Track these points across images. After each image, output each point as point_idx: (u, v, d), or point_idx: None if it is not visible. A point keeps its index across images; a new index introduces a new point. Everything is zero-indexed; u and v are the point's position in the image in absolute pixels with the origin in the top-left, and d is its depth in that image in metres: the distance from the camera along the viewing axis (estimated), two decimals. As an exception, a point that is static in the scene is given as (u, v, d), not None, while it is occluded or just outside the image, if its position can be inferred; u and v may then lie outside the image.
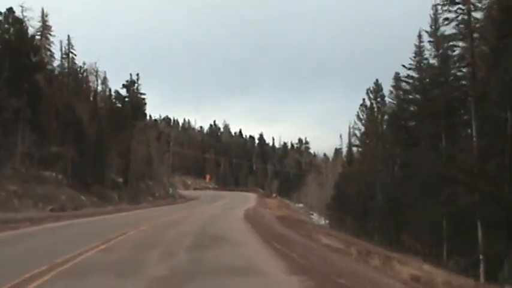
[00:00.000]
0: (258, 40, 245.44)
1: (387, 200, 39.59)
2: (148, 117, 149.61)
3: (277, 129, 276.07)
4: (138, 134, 64.49)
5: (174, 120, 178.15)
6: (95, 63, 65.22)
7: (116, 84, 70.67)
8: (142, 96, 74.65)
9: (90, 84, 65.61)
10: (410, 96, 42.08)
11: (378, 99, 48.75)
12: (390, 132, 44.68)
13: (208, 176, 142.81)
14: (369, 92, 49.37)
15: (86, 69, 63.41)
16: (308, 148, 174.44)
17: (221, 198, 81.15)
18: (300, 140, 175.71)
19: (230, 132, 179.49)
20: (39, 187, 45.52)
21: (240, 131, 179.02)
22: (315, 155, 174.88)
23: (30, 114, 46.85)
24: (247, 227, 28.82)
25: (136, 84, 72.84)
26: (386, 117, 47.06)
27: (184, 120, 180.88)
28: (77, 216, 32.14)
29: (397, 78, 45.92)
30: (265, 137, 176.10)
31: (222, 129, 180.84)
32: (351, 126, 61.16)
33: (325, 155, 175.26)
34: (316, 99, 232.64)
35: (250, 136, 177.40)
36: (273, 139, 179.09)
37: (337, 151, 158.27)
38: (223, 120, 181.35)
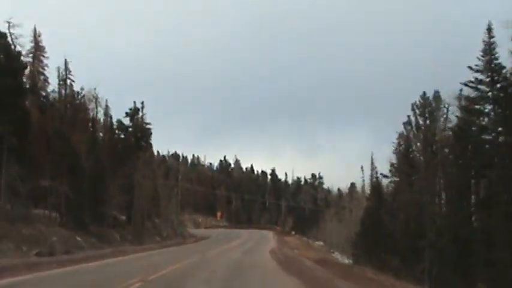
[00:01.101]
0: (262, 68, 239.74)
1: (449, 237, 32.36)
2: (156, 153, 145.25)
3: (289, 164, 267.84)
4: (142, 167, 58.06)
5: (182, 157, 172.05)
6: (95, 88, 58.86)
7: (120, 114, 63.59)
8: (148, 126, 68.39)
9: (90, 112, 59.44)
10: (477, 106, 34.87)
11: (427, 115, 41.59)
12: (454, 152, 37.00)
13: (219, 214, 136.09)
14: (414, 107, 42.42)
15: (84, 96, 57.28)
16: (322, 183, 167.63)
17: (236, 237, 74.25)
18: (313, 175, 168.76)
19: (241, 168, 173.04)
20: (26, 227, 39.09)
21: (252, 167, 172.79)
22: (329, 191, 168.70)
23: (16, 143, 40.56)
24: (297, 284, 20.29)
25: (140, 113, 66.89)
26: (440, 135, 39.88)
27: (193, 156, 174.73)
28: (62, 263, 25.53)
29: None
30: (277, 172, 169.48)
31: (232, 165, 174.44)
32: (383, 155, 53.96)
33: (339, 190, 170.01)
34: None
35: (262, 171, 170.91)
36: (286, 174, 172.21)
37: (353, 185, 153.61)
38: (234, 156, 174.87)
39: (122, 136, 63.92)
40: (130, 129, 64.83)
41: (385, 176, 54.99)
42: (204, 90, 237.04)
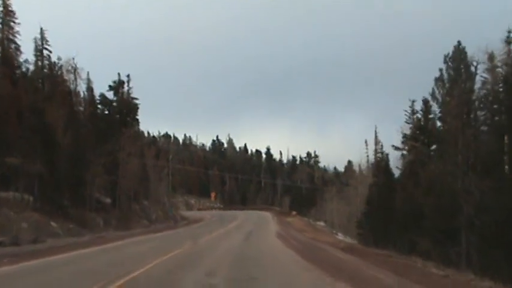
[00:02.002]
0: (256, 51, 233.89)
1: (492, 215, 27.01)
2: (146, 134, 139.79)
3: (284, 143, 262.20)
4: (128, 144, 52.58)
5: (173, 137, 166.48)
6: (73, 58, 53.18)
7: (104, 88, 57.81)
8: (135, 101, 62.83)
9: (69, 84, 53.71)
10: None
11: (462, 69, 35.64)
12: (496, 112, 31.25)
13: (213, 195, 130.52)
14: (447, 60, 36.39)
15: (62, 66, 51.66)
16: (318, 162, 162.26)
17: (232, 219, 68.87)
18: (308, 154, 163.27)
19: (234, 148, 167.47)
20: (-9, 212, 33.98)
21: (245, 146, 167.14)
22: (325, 169, 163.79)
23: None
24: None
25: (126, 87, 61.35)
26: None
27: (185, 136, 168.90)
28: (18, 257, 20.30)
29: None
30: (271, 151, 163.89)
31: (225, 145, 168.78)
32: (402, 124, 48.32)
33: (335, 168, 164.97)
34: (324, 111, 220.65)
35: (257, 150, 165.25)
36: (281, 153, 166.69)
37: (350, 163, 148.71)
38: (227, 135, 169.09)
39: (106, 112, 58.48)
40: (114, 104, 59.50)
41: (397, 148, 49.54)
42: (193, 69, 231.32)
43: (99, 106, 58.71)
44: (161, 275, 15.65)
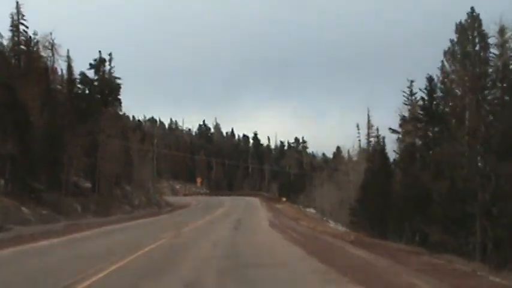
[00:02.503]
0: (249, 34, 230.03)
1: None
2: (131, 118, 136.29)
3: (272, 128, 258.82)
4: (108, 125, 49.39)
5: (159, 121, 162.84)
6: (50, 33, 49.78)
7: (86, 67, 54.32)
8: (117, 81, 59.53)
9: (47, 61, 50.37)
10: None
11: (476, 39, 32.12)
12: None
13: (199, 180, 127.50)
14: (459, 27, 32.79)
15: (38, 42, 48.27)
16: (306, 148, 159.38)
17: (218, 205, 65.86)
18: (296, 140, 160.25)
19: (221, 133, 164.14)
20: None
21: (232, 131, 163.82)
22: (314, 155, 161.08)
23: None
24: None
25: (108, 66, 58.06)
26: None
27: (170, 120, 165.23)
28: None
29: None
30: (259, 136, 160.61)
31: (212, 130, 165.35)
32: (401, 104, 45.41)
33: (324, 154, 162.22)
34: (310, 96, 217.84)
35: (244, 135, 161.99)
36: (268, 139, 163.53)
37: (339, 149, 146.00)
38: (214, 119, 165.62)
39: (87, 91, 55.19)
40: (95, 83, 56.24)
41: (395, 131, 46.69)
42: (181, 52, 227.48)
43: (79, 85, 55.48)
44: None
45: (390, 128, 46.73)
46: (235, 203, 71.42)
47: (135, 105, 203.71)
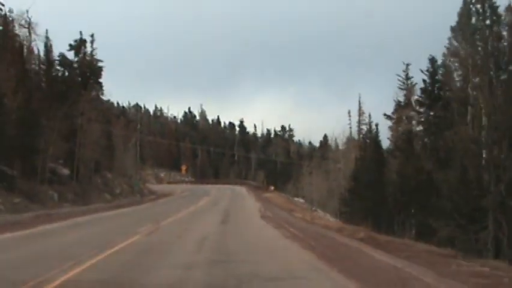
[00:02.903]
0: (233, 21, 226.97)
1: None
2: (116, 104, 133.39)
3: (258, 116, 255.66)
4: (88, 109, 46.79)
5: (144, 108, 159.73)
6: (27, 11, 47.00)
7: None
8: (100, 64, 56.72)
9: (23, 42, 47.59)
10: None
11: (487, 12, 29.12)
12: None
13: (184, 167, 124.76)
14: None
15: (13, 20, 45.54)
16: (292, 136, 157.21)
17: (204, 194, 63.53)
18: (283, 128, 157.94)
19: (207, 120, 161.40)
20: None
21: (218, 118, 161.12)
22: (300, 144, 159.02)
23: None
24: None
25: (90, 48, 55.27)
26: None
27: (155, 106, 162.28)
28: None
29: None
30: (245, 124, 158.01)
31: (198, 117, 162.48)
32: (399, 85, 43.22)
33: (310, 143, 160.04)
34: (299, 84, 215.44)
35: (230, 123, 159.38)
36: (255, 126, 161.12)
37: (326, 137, 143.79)
38: (200, 106, 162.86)
39: (67, 74, 52.43)
40: (75, 65, 53.48)
41: (389, 117, 44.46)
42: (166, 38, 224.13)
43: (58, 68, 52.75)
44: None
45: (385, 114, 44.52)
46: (222, 192, 69.11)
47: (119, 91, 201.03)
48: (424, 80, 37.73)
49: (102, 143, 56.46)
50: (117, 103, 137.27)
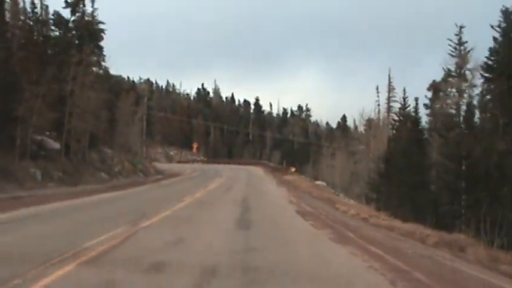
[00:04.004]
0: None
1: None
2: (126, 78, 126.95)
3: (275, 95, 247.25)
4: (83, 73, 40.16)
5: (156, 84, 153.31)
6: (11, -40, 40.39)
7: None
8: (101, 26, 50.00)
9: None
10: None
11: None
12: None
13: (195, 146, 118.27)
14: None
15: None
16: (309, 116, 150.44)
17: (215, 174, 56.81)
18: (299, 107, 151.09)
19: (221, 97, 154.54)
20: None
21: (232, 96, 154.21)
22: (318, 124, 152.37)
23: None
24: None
25: (91, 8, 48.54)
26: None
27: (167, 82, 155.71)
28: None
29: None
30: (261, 102, 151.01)
31: (211, 94, 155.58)
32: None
33: (327, 123, 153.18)
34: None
35: (245, 100, 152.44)
36: (271, 105, 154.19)
37: (344, 118, 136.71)
38: (214, 82, 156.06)
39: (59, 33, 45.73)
40: (71, 25, 46.78)
41: (436, 90, 37.52)
42: (181, 13, 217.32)
43: (52, 28, 46.15)
44: None
45: (432, 85, 37.42)
46: (236, 173, 62.12)
47: (131, 66, 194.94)
48: (494, 38, 30.65)
49: (103, 114, 50.21)
50: (128, 77, 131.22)
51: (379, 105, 66.77)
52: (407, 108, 49.00)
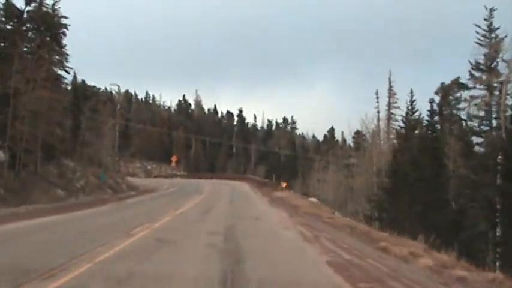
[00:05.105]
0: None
1: None
2: (103, 89, 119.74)
3: (258, 106, 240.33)
4: (33, 68, 33.26)
5: (135, 95, 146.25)
6: None
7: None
8: (63, 21, 43.26)
9: None
10: None
11: None
12: None
13: (174, 159, 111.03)
14: None
15: None
16: (295, 128, 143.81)
17: (195, 191, 49.57)
18: (284, 119, 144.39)
19: (203, 108, 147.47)
20: None
21: (215, 107, 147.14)
22: (304, 137, 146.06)
23: None
24: None
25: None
26: None
27: (146, 93, 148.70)
28: None
29: None
30: (244, 114, 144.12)
31: (193, 106, 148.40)
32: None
33: (314, 136, 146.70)
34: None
35: (228, 112, 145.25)
36: (255, 117, 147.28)
37: (331, 131, 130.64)
38: (195, 92, 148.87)
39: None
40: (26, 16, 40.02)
41: (464, 87, 31.12)
42: (161, 25, 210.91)
43: (3, 19, 39.36)
44: None
45: (459, 82, 31.00)
46: (218, 189, 54.81)
47: (108, 78, 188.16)
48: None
49: (67, 122, 43.70)
50: (105, 88, 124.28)
51: (378, 112, 58.89)
52: (416, 113, 42.46)
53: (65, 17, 42.89)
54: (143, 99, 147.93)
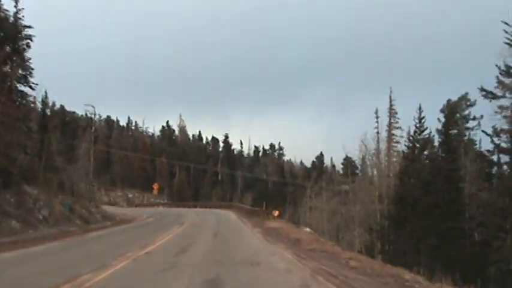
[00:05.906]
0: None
1: None
2: (84, 114, 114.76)
3: (245, 132, 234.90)
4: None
5: (116, 121, 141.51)
6: None
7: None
8: (27, 32, 38.52)
9: None
10: None
11: None
12: None
13: (155, 187, 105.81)
14: None
15: None
16: (282, 155, 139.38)
17: (175, 221, 44.03)
18: (271, 146, 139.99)
19: (187, 135, 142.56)
20: None
21: (200, 133, 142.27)
22: (292, 163, 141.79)
23: None
24: None
25: (14, 8, 37.37)
26: None
27: (128, 119, 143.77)
28: None
29: None
30: (230, 140, 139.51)
31: (177, 132, 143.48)
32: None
33: (301, 162, 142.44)
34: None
35: (213, 138, 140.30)
36: (241, 143, 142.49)
37: (322, 156, 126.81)
38: (179, 117, 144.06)
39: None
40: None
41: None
42: (144, 51, 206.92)
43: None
44: None
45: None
46: (202, 219, 49.30)
47: (88, 102, 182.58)
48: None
49: (30, 145, 38.87)
50: (85, 114, 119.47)
51: (378, 132, 53.55)
52: (424, 132, 37.75)
53: (29, 27, 38.27)
54: (125, 125, 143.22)
